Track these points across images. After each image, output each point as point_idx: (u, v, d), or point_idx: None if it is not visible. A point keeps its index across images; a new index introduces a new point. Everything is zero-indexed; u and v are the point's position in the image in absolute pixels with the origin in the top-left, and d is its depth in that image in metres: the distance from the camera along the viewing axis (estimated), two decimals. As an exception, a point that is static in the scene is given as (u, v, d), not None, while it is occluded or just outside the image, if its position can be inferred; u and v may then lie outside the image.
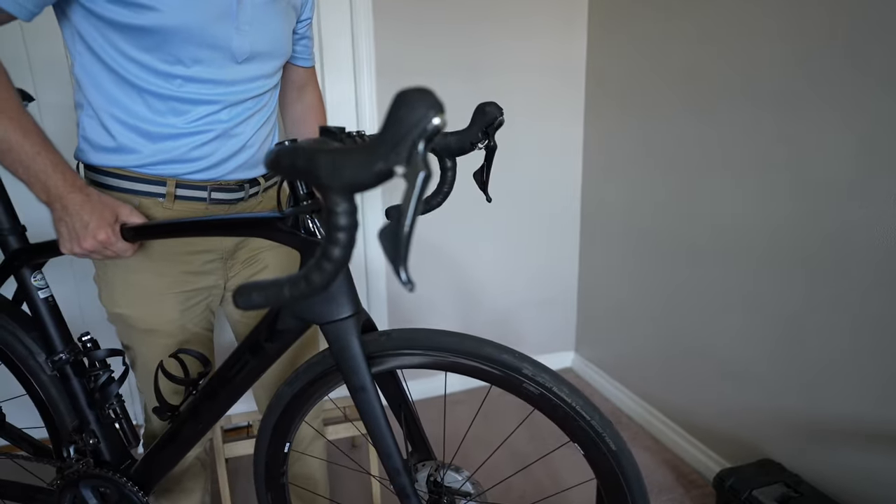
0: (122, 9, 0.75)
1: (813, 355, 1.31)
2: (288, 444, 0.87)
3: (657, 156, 1.77)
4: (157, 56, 0.80)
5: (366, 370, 0.72)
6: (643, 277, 1.90)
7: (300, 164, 0.41)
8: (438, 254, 2.09)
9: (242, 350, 0.80)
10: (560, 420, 0.71)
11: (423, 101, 0.37)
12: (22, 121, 0.74)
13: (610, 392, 2.14)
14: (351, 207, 0.41)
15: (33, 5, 0.75)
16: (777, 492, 1.29)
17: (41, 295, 0.92)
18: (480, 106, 0.77)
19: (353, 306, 0.73)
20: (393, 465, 0.73)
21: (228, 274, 1.02)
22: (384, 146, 0.38)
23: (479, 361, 0.72)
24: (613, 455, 0.69)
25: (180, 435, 0.89)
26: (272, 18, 0.89)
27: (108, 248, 0.80)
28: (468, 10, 1.90)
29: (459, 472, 0.84)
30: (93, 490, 0.95)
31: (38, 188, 0.76)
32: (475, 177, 0.83)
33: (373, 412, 0.72)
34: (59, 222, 0.79)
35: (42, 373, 0.95)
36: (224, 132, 0.89)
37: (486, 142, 0.78)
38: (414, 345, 0.74)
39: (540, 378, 0.70)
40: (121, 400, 0.96)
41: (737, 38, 1.43)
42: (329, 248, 0.42)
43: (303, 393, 0.82)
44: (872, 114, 1.12)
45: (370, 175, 0.39)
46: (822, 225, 1.25)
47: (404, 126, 0.38)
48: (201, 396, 0.85)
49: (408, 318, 2.12)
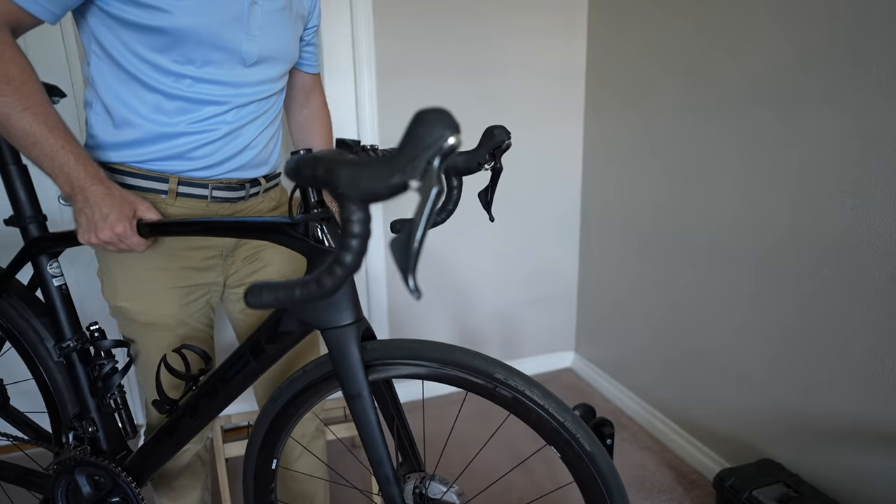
0: (135, 9, 0.78)
1: (813, 355, 1.31)
2: (275, 461, 0.88)
3: (657, 156, 1.77)
4: (168, 56, 0.83)
5: (363, 377, 0.73)
6: (643, 277, 1.90)
7: (321, 174, 0.44)
8: (439, 254, 2.09)
9: (243, 350, 0.81)
10: (534, 423, 0.71)
11: (440, 121, 0.40)
12: (48, 116, 0.76)
13: (610, 392, 2.14)
14: (366, 216, 0.43)
15: (58, 8, 0.78)
16: (777, 492, 1.29)
17: (56, 283, 0.95)
18: (489, 129, 0.79)
19: (355, 314, 0.74)
20: (384, 473, 0.74)
21: (229, 271, 1.03)
22: (401, 161, 0.41)
23: (453, 368, 0.73)
24: (589, 456, 0.69)
25: (177, 429, 0.90)
26: (281, 25, 0.92)
27: (123, 241, 0.81)
28: (468, 10, 1.90)
29: (444, 482, 0.85)
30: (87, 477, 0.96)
31: (62, 180, 0.78)
32: (480, 197, 0.86)
33: (367, 420, 0.73)
34: (79, 213, 0.80)
35: (49, 358, 0.98)
36: (229, 132, 0.91)
37: (492, 163, 0.81)
38: (397, 354, 0.75)
39: (512, 381, 0.71)
40: (122, 391, 0.98)
41: (737, 38, 1.43)
42: (343, 255, 0.44)
43: (289, 405, 0.83)
44: (873, 115, 1.13)
45: (386, 187, 0.41)
46: (822, 225, 1.25)
47: (421, 143, 0.40)
48: (200, 393, 0.86)
49: (407, 318, 2.12)
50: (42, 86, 0.78)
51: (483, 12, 1.92)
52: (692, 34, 1.58)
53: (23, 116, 0.74)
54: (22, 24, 0.77)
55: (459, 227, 2.09)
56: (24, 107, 0.74)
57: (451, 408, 2.09)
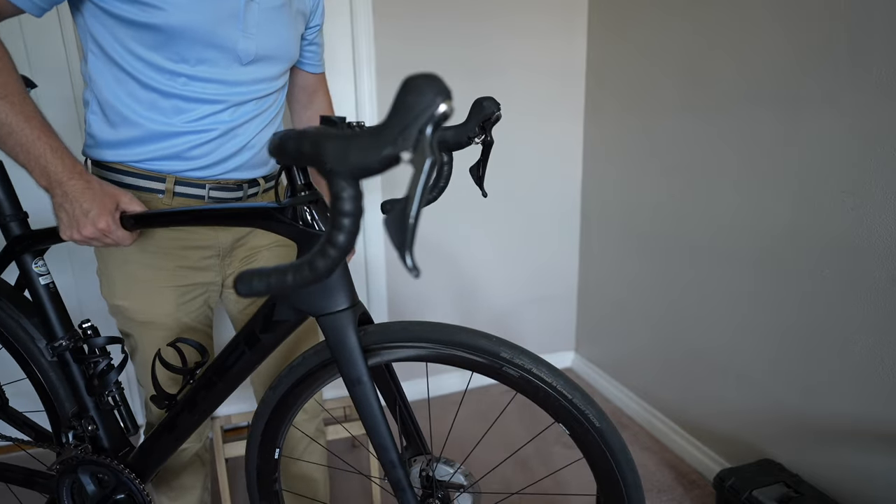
0: (129, 6, 0.77)
1: (813, 355, 1.31)
2: (278, 450, 0.87)
3: (657, 156, 1.77)
4: (162, 54, 0.82)
5: (362, 363, 0.71)
6: (644, 277, 1.90)
7: (306, 149, 0.41)
8: (439, 254, 2.09)
9: (238, 340, 0.80)
10: (542, 401, 0.71)
11: (431, 87, 0.37)
12: (24, 105, 0.75)
13: (610, 392, 2.14)
14: (356, 193, 0.41)
15: (44, 2, 0.77)
16: (777, 492, 1.29)
17: (42, 281, 0.93)
18: (478, 101, 0.77)
19: (350, 298, 0.73)
20: (389, 458, 0.73)
21: (226, 271, 1.02)
22: (392, 131, 0.38)
23: (456, 349, 0.71)
24: (598, 431, 0.69)
25: (177, 424, 0.89)
26: (279, 23, 0.91)
27: (107, 236, 0.80)
28: (468, 10, 1.90)
29: (451, 464, 0.84)
30: (91, 476, 0.96)
31: (38, 173, 0.76)
32: (471, 171, 0.83)
33: (369, 405, 0.72)
34: (59, 208, 0.79)
35: (42, 358, 0.96)
36: (226, 132, 0.90)
37: (482, 137, 0.78)
38: (397, 337, 0.74)
39: (518, 360, 0.70)
40: (120, 387, 0.97)
41: (737, 38, 1.43)
42: (334, 234, 0.42)
43: (289, 394, 0.82)
44: (873, 114, 1.13)
45: (377, 160, 0.39)
46: (822, 225, 1.25)
47: (412, 112, 0.38)
48: (198, 386, 0.85)
49: (407, 317, 2.11)
50: (18, 75, 0.76)
51: (483, 12, 1.92)
52: (692, 34, 1.58)
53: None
54: (2, 14, 0.76)
55: (459, 227, 2.08)
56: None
57: (451, 409, 2.09)
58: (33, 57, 1.60)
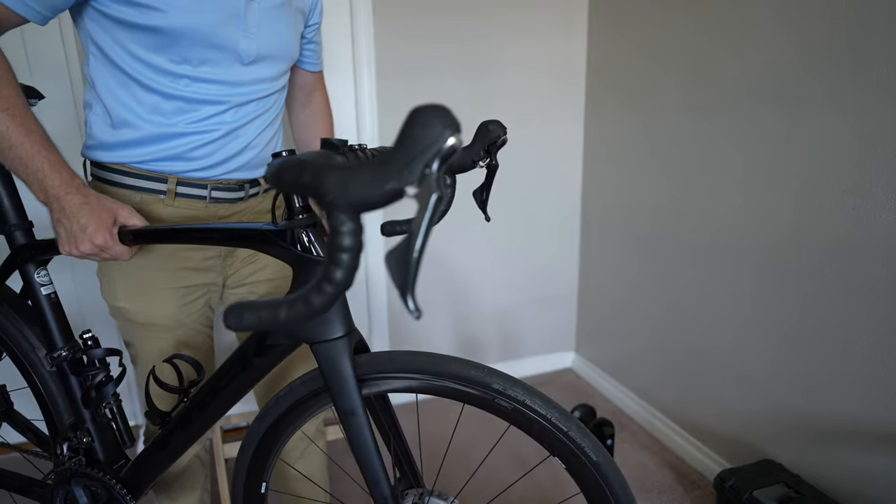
0: (129, 9, 0.77)
1: (814, 355, 1.30)
2: (265, 485, 0.84)
3: (658, 155, 1.77)
4: (164, 56, 0.82)
5: (357, 393, 0.69)
6: (644, 277, 1.90)
7: (305, 180, 0.39)
8: (439, 254, 2.09)
9: (231, 363, 0.78)
10: (537, 434, 0.68)
11: (438, 119, 0.36)
12: (26, 119, 0.74)
13: (610, 392, 2.14)
14: (357, 227, 0.38)
15: (46, 9, 0.76)
16: (778, 492, 1.28)
17: (44, 291, 0.93)
18: (483, 124, 0.74)
19: (346, 326, 0.70)
20: (381, 493, 0.71)
21: (228, 271, 1.02)
22: (397, 165, 0.36)
23: (447, 380, 0.69)
24: (595, 466, 0.66)
25: (170, 441, 0.88)
26: (280, 22, 0.91)
27: (105, 252, 0.80)
28: (468, 9, 1.90)
29: (444, 498, 0.81)
30: (83, 488, 0.94)
31: (37, 187, 0.76)
32: (475, 195, 0.81)
33: (363, 438, 0.69)
34: (57, 223, 0.78)
35: (42, 368, 0.95)
36: (228, 133, 0.90)
37: (487, 160, 0.76)
38: (385, 368, 0.71)
39: (511, 391, 0.67)
40: (118, 400, 0.96)
41: (738, 37, 1.43)
42: (332, 270, 0.39)
43: (277, 425, 0.79)
44: (874, 114, 1.12)
45: (380, 194, 0.37)
46: (823, 225, 1.25)
47: (418, 145, 0.36)
48: (192, 405, 0.84)
49: (408, 320, 2.11)
50: (21, 89, 0.76)
51: (483, 11, 1.92)
52: (693, 33, 1.57)
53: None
54: (5, 23, 0.75)
55: (459, 227, 2.08)
56: (0, 108, 0.72)
57: (448, 414, 2.09)
58: (32, 58, 1.60)
